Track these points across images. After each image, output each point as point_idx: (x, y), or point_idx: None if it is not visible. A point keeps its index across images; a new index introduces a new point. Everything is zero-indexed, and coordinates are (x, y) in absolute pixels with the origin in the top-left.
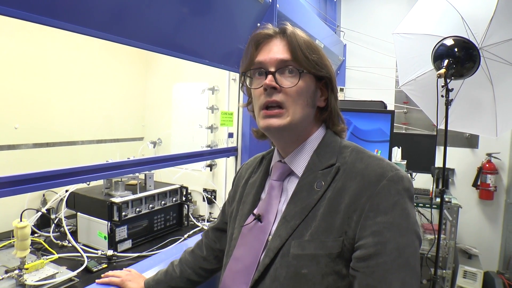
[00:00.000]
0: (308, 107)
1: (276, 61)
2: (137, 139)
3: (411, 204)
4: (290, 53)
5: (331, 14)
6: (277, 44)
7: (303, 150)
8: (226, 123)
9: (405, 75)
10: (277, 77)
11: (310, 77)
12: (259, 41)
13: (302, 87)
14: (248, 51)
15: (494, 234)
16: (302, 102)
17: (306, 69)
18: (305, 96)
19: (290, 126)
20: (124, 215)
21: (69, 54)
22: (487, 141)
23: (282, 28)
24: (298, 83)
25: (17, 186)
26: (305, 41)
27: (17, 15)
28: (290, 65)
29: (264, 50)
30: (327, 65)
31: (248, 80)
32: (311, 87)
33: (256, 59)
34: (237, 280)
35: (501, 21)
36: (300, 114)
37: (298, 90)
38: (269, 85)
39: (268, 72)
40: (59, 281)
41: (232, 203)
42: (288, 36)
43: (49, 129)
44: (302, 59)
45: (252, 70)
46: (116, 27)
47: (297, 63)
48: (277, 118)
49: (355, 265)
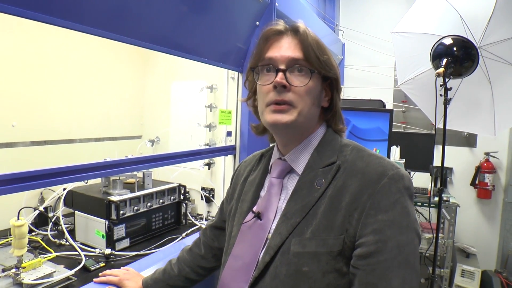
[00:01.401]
0: (314, 106)
1: (288, 59)
2: (135, 138)
3: (411, 203)
4: (302, 52)
5: (330, 13)
6: (289, 42)
7: (304, 148)
8: (225, 121)
9: (403, 74)
10: (287, 75)
11: (318, 77)
12: (269, 37)
13: (311, 87)
14: (259, 46)
15: (492, 233)
16: (310, 102)
17: (317, 69)
18: (312, 95)
19: (296, 123)
20: (122, 214)
21: (67, 52)
22: (485, 140)
23: (295, 26)
24: (308, 83)
25: (14, 184)
26: (317, 41)
27: (14, 12)
28: (302, 64)
29: (274, 46)
30: (334, 66)
31: (256, 75)
32: (318, 87)
33: (266, 55)
34: (236, 278)
35: (500, 20)
36: (307, 113)
37: (307, 90)
38: (280, 83)
39: (278, 70)
40: (57, 280)
41: (231, 201)
42: (301, 34)
43: (47, 127)
44: (313, 59)
45: (261, 66)
46: (114, 25)
47: (308, 63)
48: (285, 114)
49: (356, 263)
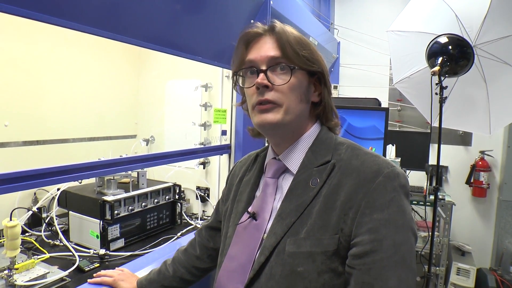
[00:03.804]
0: (302, 103)
1: (267, 58)
2: (129, 137)
3: (407, 201)
4: (280, 49)
5: (325, 11)
6: (267, 42)
7: (298, 147)
8: (220, 120)
9: (399, 72)
10: (269, 75)
11: (302, 73)
12: (248, 40)
13: (295, 83)
14: (238, 50)
15: (487, 231)
16: (296, 99)
17: (297, 65)
18: (298, 92)
19: (284, 122)
20: (116, 214)
21: (60, 51)
22: (480, 138)
23: (271, 25)
24: (290, 80)
25: (7, 184)
26: (295, 37)
27: (5, 9)
28: (281, 62)
29: (254, 48)
30: (318, 60)
31: (241, 79)
32: (304, 83)
33: (247, 58)
34: (232, 279)
35: (495, 19)
36: (294, 110)
37: (291, 87)
38: (261, 84)
39: (259, 71)
40: (50, 281)
41: (226, 202)
42: (277, 33)
43: (40, 127)
44: (292, 55)
45: (244, 69)
46: (108, 23)
47: (287, 60)
48: (271, 113)
49: (351, 262)
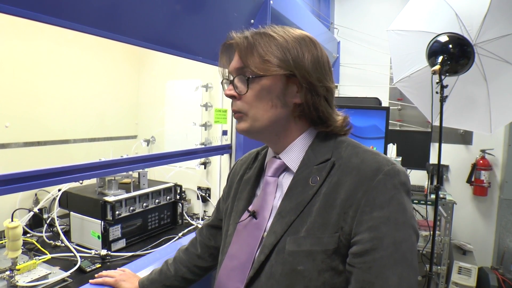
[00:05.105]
0: (274, 108)
1: (233, 69)
2: (130, 137)
3: (408, 198)
4: (240, 60)
5: (324, 11)
6: (236, 53)
7: (297, 146)
8: (220, 120)
9: (399, 72)
10: (236, 85)
11: (274, 78)
12: (222, 51)
13: (260, 90)
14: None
15: (488, 230)
16: (264, 105)
17: (255, 73)
18: (267, 98)
19: (254, 129)
20: (117, 214)
21: (60, 51)
22: (481, 137)
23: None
24: (254, 88)
25: (8, 185)
26: (260, 43)
27: (6, 10)
28: (241, 73)
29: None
30: (295, 60)
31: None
32: (276, 87)
33: (223, 70)
34: (232, 277)
35: (495, 18)
36: (264, 117)
37: (257, 94)
38: (228, 95)
39: (229, 81)
40: (52, 282)
41: (227, 200)
42: (235, 44)
43: (41, 128)
44: (253, 63)
45: (224, 80)
46: (108, 23)
47: (249, 69)
48: (241, 122)
49: (352, 261)
